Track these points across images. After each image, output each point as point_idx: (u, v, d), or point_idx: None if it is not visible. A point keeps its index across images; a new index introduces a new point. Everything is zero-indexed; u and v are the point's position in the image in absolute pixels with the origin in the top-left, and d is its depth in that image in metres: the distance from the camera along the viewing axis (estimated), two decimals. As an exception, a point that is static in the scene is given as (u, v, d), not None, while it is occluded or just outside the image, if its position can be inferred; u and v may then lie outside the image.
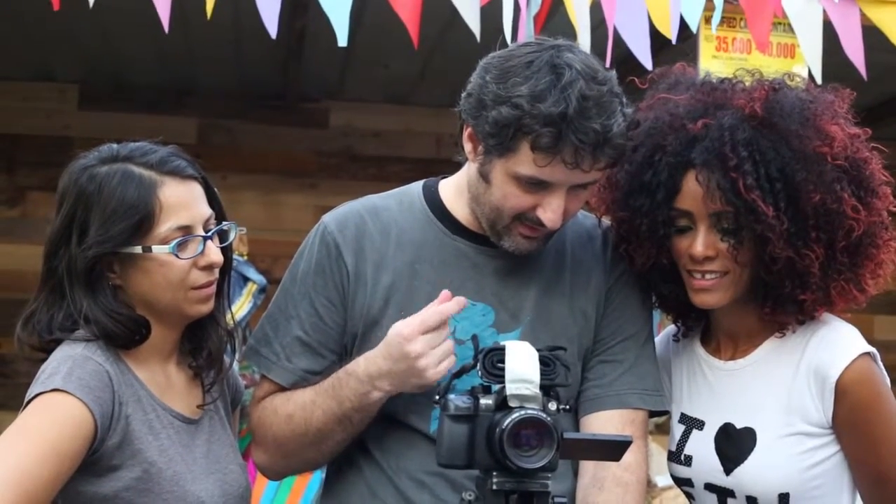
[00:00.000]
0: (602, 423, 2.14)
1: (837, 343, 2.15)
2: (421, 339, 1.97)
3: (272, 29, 3.16)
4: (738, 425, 2.18)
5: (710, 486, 2.21)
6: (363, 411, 2.06)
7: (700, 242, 2.10)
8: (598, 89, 1.95)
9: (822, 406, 2.12)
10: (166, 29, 3.09)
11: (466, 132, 2.08)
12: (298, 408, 2.13)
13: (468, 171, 2.15)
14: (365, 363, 2.04)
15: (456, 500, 1.89)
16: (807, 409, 2.13)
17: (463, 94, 2.08)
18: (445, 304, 2.00)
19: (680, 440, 2.26)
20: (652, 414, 2.21)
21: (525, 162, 1.97)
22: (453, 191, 2.21)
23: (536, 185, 2.00)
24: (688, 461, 2.24)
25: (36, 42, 5.04)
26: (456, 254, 2.16)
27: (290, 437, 2.15)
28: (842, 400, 2.10)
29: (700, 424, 2.24)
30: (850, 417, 2.11)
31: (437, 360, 1.98)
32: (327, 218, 2.22)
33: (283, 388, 2.20)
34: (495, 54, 2.06)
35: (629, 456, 1.96)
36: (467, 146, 2.10)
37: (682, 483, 2.28)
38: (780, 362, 2.18)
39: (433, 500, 2.08)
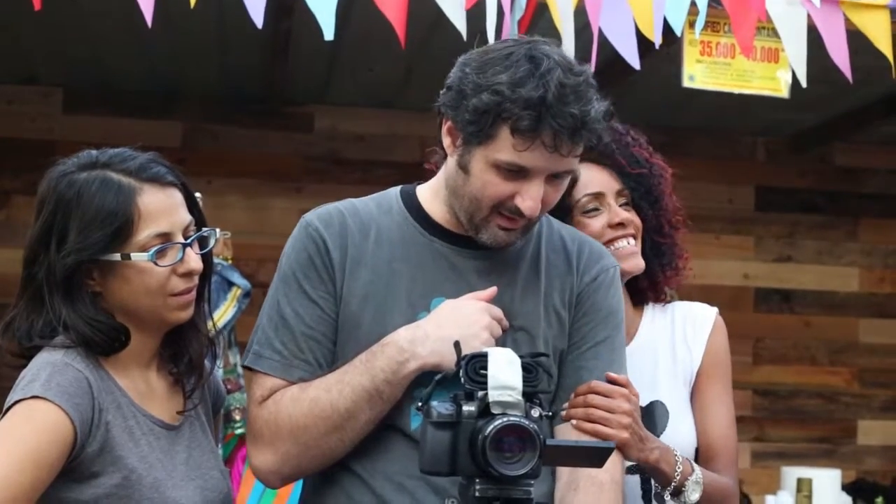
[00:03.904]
0: (575, 428, 2.14)
1: (698, 305, 2.60)
2: (489, 311, 2.07)
3: (258, 20, 3.13)
4: (643, 402, 2.36)
5: (632, 469, 2.36)
6: (395, 386, 2.03)
7: (619, 210, 2.46)
8: (575, 79, 2.00)
9: (694, 353, 2.51)
10: (149, 23, 3.06)
11: (446, 126, 2.10)
12: (322, 390, 2.07)
13: (446, 167, 2.16)
14: (407, 331, 2.04)
15: (437, 503, 1.88)
16: (685, 367, 2.51)
17: (442, 91, 2.10)
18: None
19: None
20: None
21: (505, 148, 2.00)
22: (430, 193, 2.22)
23: (515, 174, 2.02)
24: None
25: (20, 45, 5.02)
26: (434, 254, 2.16)
27: (312, 423, 2.06)
28: (712, 340, 2.52)
29: None
30: (715, 359, 2.51)
31: (488, 331, 2.04)
32: (309, 216, 2.20)
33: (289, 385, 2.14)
34: (473, 51, 2.10)
35: None
36: (446, 140, 2.12)
37: None
38: (657, 340, 2.54)
39: (414, 503, 2.07)
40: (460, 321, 2.03)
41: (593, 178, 2.46)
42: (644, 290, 2.56)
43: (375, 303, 2.12)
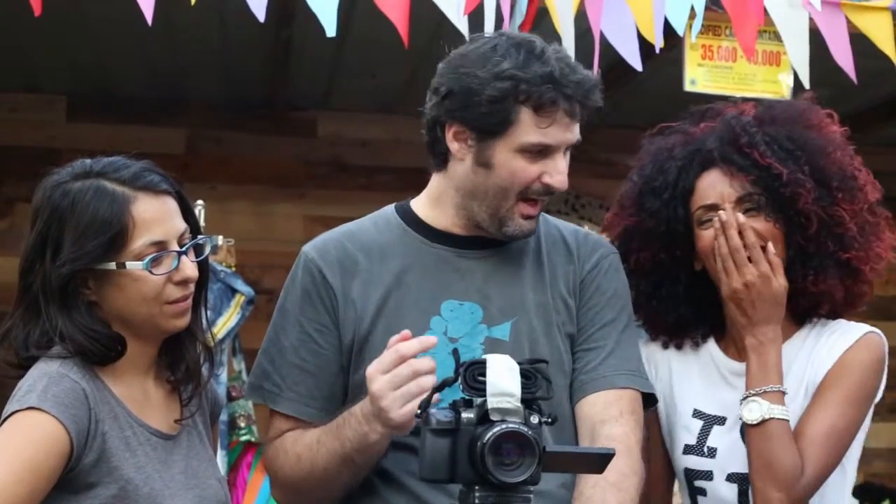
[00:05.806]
0: (590, 406, 2.17)
1: (853, 324, 2.35)
2: (379, 379, 1.94)
3: (260, 14, 3.13)
4: None
5: (733, 476, 2.30)
6: (364, 453, 2.05)
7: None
8: (564, 53, 2.11)
9: (819, 366, 2.28)
10: (149, 22, 3.04)
11: (450, 133, 2.14)
12: (305, 448, 2.13)
13: (453, 173, 2.18)
14: (362, 403, 2.02)
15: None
16: (810, 377, 2.29)
17: (433, 101, 2.15)
18: (404, 344, 1.94)
19: (700, 434, 2.34)
20: (646, 404, 2.23)
21: (528, 130, 2.08)
22: (427, 202, 2.26)
23: (539, 154, 2.09)
24: (711, 453, 2.33)
25: (23, 53, 5.03)
26: (438, 260, 2.19)
27: (299, 477, 2.15)
28: (847, 355, 2.27)
29: (721, 420, 2.36)
30: (841, 371, 2.27)
31: (399, 401, 1.91)
32: (307, 247, 2.26)
33: (291, 420, 2.20)
34: (449, 58, 2.17)
35: (616, 428, 2.08)
36: (454, 146, 2.15)
37: (698, 476, 2.34)
38: (797, 359, 2.32)
39: (450, 500, 2.07)
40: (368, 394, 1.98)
41: (709, 188, 2.31)
42: (789, 299, 2.29)
43: (387, 316, 2.15)
